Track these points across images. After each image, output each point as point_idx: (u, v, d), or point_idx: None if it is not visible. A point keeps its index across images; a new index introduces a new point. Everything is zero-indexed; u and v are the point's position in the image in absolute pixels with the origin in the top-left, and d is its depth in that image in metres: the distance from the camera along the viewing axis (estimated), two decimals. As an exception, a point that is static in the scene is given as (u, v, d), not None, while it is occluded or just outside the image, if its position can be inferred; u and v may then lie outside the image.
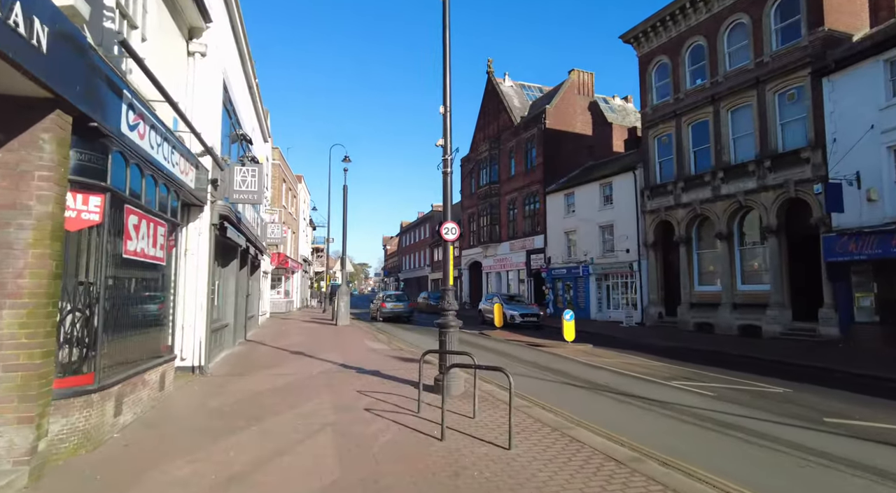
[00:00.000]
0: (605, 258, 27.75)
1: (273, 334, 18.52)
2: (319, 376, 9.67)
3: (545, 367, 11.76)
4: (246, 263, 16.05)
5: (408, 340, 17.75)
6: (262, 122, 20.06)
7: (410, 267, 68.88)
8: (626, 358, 13.36)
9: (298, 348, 14.10)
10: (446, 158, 8.44)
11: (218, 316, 12.46)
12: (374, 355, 12.67)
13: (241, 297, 15.67)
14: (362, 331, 19.79)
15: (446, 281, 8.24)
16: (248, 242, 14.75)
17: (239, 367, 10.85)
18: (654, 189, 24.73)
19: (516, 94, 40.39)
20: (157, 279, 7.33)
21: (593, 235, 28.46)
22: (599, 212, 28.14)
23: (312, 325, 22.89)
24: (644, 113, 25.82)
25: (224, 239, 11.21)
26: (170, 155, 7.29)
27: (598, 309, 28.19)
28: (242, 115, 14.46)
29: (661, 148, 24.93)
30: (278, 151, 29.53)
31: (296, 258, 37.18)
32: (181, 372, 9.39)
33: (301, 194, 40.22)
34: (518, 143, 36.12)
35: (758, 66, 19.79)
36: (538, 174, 33.56)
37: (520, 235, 35.61)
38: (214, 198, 10.20)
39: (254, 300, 19.56)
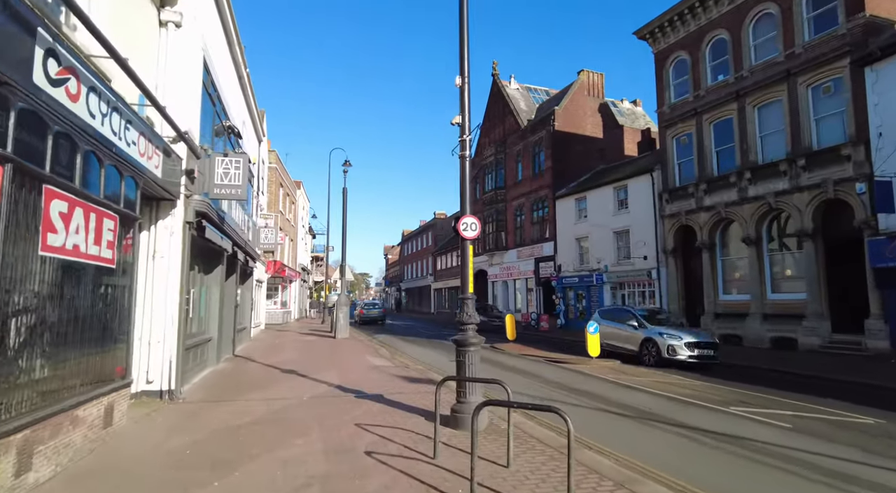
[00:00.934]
0: (620, 266, 26.22)
1: (265, 348, 16.97)
2: (311, 403, 8.12)
3: (574, 389, 10.20)
4: (234, 270, 14.56)
5: (413, 354, 16.20)
6: (256, 119, 18.69)
7: (412, 276, 67.30)
8: (661, 376, 11.80)
9: (291, 365, 12.55)
10: (464, 138, 6.98)
11: (198, 329, 10.95)
12: (375, 374, 11.12)
13: (229, 308, 14.15)
14: (363, 345, 18.24)
15: (465, 288, 6.73)
16: (235, 246, 13.27)
17: (219, 389, 9.30)
18: (674, 192, 23.27)
19: (522, 96, 39.12)
20: (108, 286, 5.83)
21: (607, 242, 26.95)
22: (614, 217, 26.66)
23: (309, 338, 21.34)
24: (661, 112, 24.43)
25: (204, 241, 9.73)
26: (123, 130, 5.84)
27: (612, 320, 26.56)
28: (230, 105, 13.06)
29: (680, 149, 23.51)
30: (275, 154, 28.17)
31: (294, 267, 35.69)
32: (146, 398, 7.87)
33: (300, 201, 38.82)
34: (525, 146, 34.75)
35: (788, 58, 18.41)
36: (547, 179, 32.14)
37: (528, 242, 34.12)
38: (190, 192, 8.73)
39: (245, 311, 18.04)
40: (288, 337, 21.45)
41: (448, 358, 15.07)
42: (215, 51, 10.89)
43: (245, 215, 15.53)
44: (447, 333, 26.43)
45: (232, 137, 13.40)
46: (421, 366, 12.74)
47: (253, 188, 18.71)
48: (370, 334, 24.88)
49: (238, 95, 14.53)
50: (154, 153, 6.99)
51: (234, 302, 14.57)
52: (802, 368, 12.87)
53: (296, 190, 37.09)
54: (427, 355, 16.27)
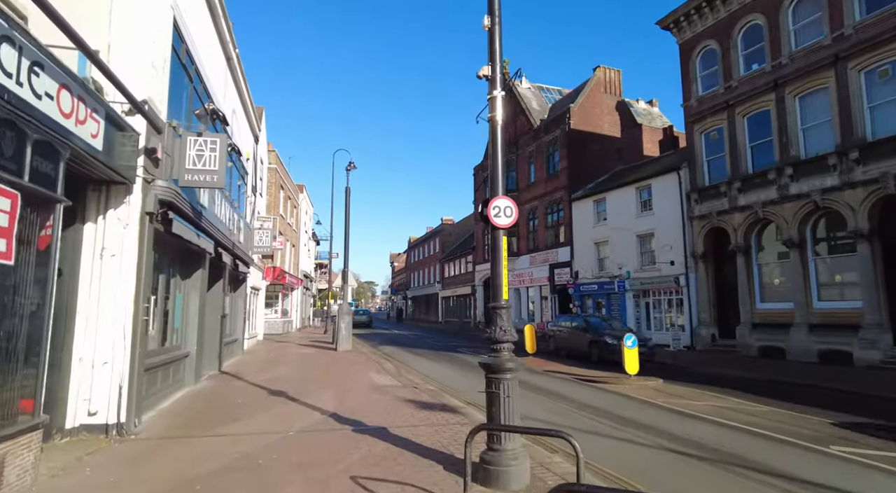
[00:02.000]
0: (644, 272, 24.38)
1: (258, 362, 15.29)
2: (298, 441, 6.41)
3: (622, 417, 8.42)
4: (221, 275, 12.93)
5: (422, 370, 14.45)
6: (251, 112, 17.15)
7: (419, 284, 65.55)
8: (715, 399, 9.99)
9: (282, 384, 10.86)
10: (493, 95, 5.30)
11: (172, 344, 9.29)
12: (379, 397, 9.39)
13: (213, 318, 12.50)
14: (366, 358, 16.52)
15: (498, 294, 5.03)
16: (221, 248, 11.64)
17: (188, 419, 7.60)
18: (703, 192, 21.49)
19: (534, 96, 37.54)
20: (3, 292, 4.19)
21: (629, 246, 25.14)
22: (636, 219, 24.87)
23: (309, 350, 19.64)
24: (688, 106, 22.71)
25: (174, 238, 8.09)
26: (25, 74, 4.21)
27: (636, 330, 24.68)
28: (215, 87, 11.49)
29: (709, 145, 21.75)
30: (275, 154, 26.67)
31: (295, 274, 34.08)
32: (87, 435, 6.19)
33: (303, 205, 37.30)
34: (538, 147, 33.10)
35: (836, 41, 16.67)
36: (562, 180, 30.43)
37: (541, 247, 32.36)
38: (153, 176, 7.10)
39: (236, 321, 16.40)
40: (285, 349, 19.77)
41: (462, 375, 13.32)
42: (192, 17, 9.31)
43: (235, 215, 13.92)
44: (457, 344, 24.66)
45: (217, 124, 11.81)
46: (432, 386, 11.00)
47: (246, 187, 17.14)
48: (375, 346, 23.17)
49: (226, 78, 12.97)
50: (90, 118, 5.36)
51: (221, 311, 12.93)
52: (880, 388, 10.98)
53: (298, 193, 35.58)
54: (437, 371, 14.52)
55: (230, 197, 13.23)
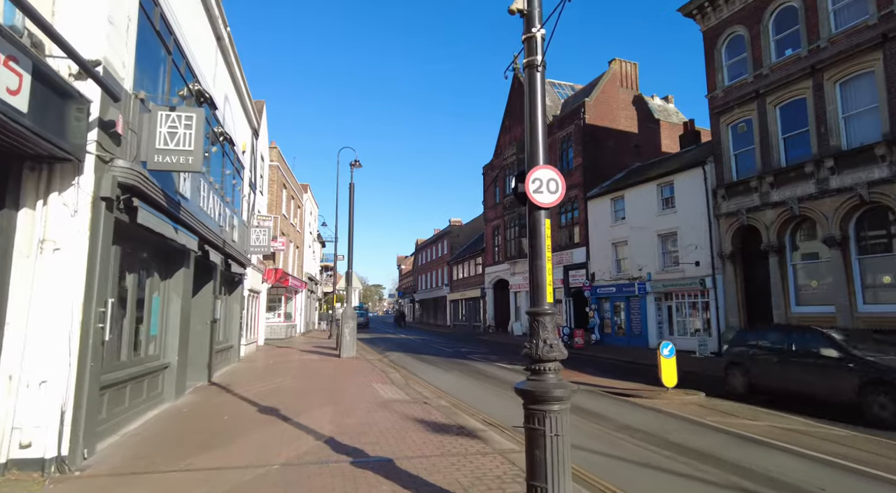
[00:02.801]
0: (666, 273, 22.97)
1: (254, 371, 14.08)
2: (282, 478, 5.15)
3: (669, 441, 7.10)
4: (211, 277, 11.73)
5: (432, 381, 13.17)
6: (247, 101, 15.99)
7: (427, 287, 64.26)
8: (774, 418, 8.62)
9: (276, 398, 9.62)
10: (532, 34, 4.04)
11: (143, 354, 8.07)
12: (385, 416, 8.12)
13: (200, 323, 11.31)
14: (370, 366, 15.26)
15: (539, 296, 3.75)
16: (208, 246, 10.44)
17: (153, 447, 6.36)
18: (731, 188, 20.08)
19: (546, 92, 36.20)
20: None
21: (650, 246, 23.74)
22: (658, 217, 23.47)
23: (311, 356, 18.42)
24: (712, 97, 21.32)
25: (145, 231, 6.88)
26: None
27: (657, 335, 23.29)
28: (200, 65, 10.30)
29: (736, 138, 20.35)
30: (277, 150, 25.54)
31: (299, 276, 32.93)
32: (17, 473, 4.97)
33: (307, 205, 36.18)
34: (551, 143, 31.75)
35: (883, 20, 15.26)
36: (576, 177, 29.08)
37: (555, 248, 30.98)
38: (111, 155, 5.90)
39: (230, 326, 15.21)
40: (286, 356, 18.55)
41: (476, 386, 12.01)
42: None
43: (227, 210, 12.74)
44: (467, 350, 23.36)
45: (206, 108, 10.62)
46: (445, 401, 9.71)
47: (243, 182, 15.98)
48: (381, 352, 21.91)
49: (216, 59, 11.80)
50: (10, 75, 4.14)
51: (212, 316, 11.72)
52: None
53: (302, 193, 34.47)
54: (449, 381, 13.23)
55: (220, 190, 12.05)
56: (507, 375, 14.29)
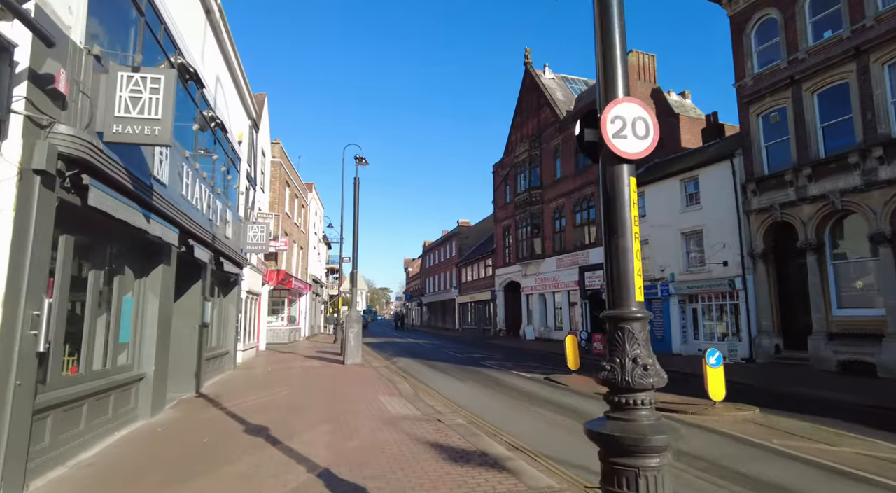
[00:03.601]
0: (691, 274, 21.59)
1: (248, 381, 12.90)
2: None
3: (740, 473, 5.80)
4: (200, 275, 10.56)
5: (445, 392, 11.92)
6: (243, 87, 14.87)
7: (434, 290, 63.00)
8: (855, 442, 7.26)
9: (268, 414, 8.42)
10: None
11: (110, 365, 6.89)
12: (392, 438, 6.88)
13: (188, 327, 10.14)
14: (377, 374, 14.03)
15: (625, 294, 2.49)
16: (191, 239, 9.27)
17: (102, 482, 5.15)
18: (762, 182, 18.71)
19: (559, 86, 34.99)
20: None
21: (673, 246, 22.37)
22: (681, 215, 22.11)
23: (313, 363, 17.23)
24: (741, 86, 19.97)
25: (99, 215, 5.69)
26: None
27: (682, 340, 21.91)
28: (187, 41, 9.16)
29: (768, 128, 18.99)
30: (279, 146, 24.46)
31: (304, 278, 31.81)
32: None
33: (312, 205, 35.09)
34: (565, 139, 30.49)
35: (939, -7, 13.89)
36: (593, 174, 27.75)
37: (569, 248, 29.67)
38: (50, 119, 4.71)
39: (226, 331, 14.05)
40: (287, 362, 17.37)
41: (497, 399, 10.74)
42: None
43: (218, 203, 11.58)
44: (480, 356, 22.07)
45: (191, 86, 9.48)
46: (462, 418, 8.45)
47: (239, 174, 14.86)
48: (388, 358, 20.69)
49: (205, 34, 10.64)
50: None
51: (200, 320, 10.54)
52: None
53: (307, 192, 33.37)
54: (464, 393, 11.96)
55: (211, 180, 10.90)
56: (527, 385, 13.01)
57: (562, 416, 8.85)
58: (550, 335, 31.01)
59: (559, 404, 10.13)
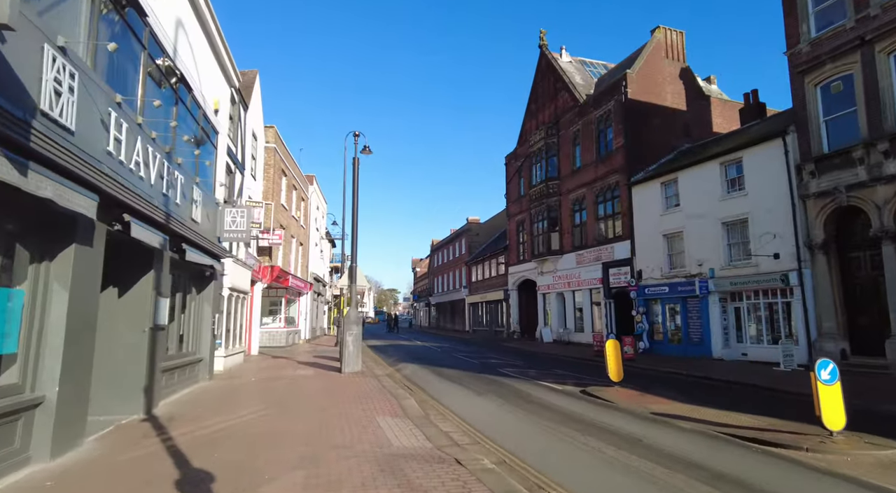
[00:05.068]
0: (734, 269, 19.12)
1: (223, 395, 10.65)
2: None
3: None
4: (151, 266, 8.32)
5: (459, 409, 9.59)
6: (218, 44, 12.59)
7: (443, 290, 60.63)
8: None
9: (225, 450, 6.16)
10: None
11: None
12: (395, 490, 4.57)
13: (136, 332, 7.91)
14: (378, 387, 11.73)
15: None
16: (124, 211, 7.02)
17: None
18: (823, 161, 16.25)
19: (577, 70, 32.57)
20: None
21: (712, 237, 19.91)
22: (722, 203, 19.64)
23: (307, 371, 14.98)
24: (794, 54, 17.49)
25: None
26: None
27: (723, 343, 19.43)
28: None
29: (829, 99, 16.52)
30: (274, 130, 22.26)
31: (304, 277, 29.62)
32: None
33: (313, 199, 32.90)
34: (585, 125, 28.07)
35: None
36: (617, 161, 25.33)
37: (591, 242, 27.23)
38: None
39: (199, 334, 11.84)
40: (277, 371, 15.12)
41: (531, 423, 8.35)
42: None
43: (179, 177, 9.32)
44: (496, 361, 19.71)
45: (132, 18, 7.24)
46: (489, 456, 6.12)
47: (216, 151, 12.66)
48: (393, 364, 18.41)
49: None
50: None
51: (151, 321, 8.29)
52: None
53: (307, 185, 31.18)
54: (486, 412, 9.63)
55: (169, 148, 8.66)
56: (561, 401, 10.64)
57: (626, 451, 6.49)
58: (570, 338, 28.56)
59: (614, 430, 7.76)
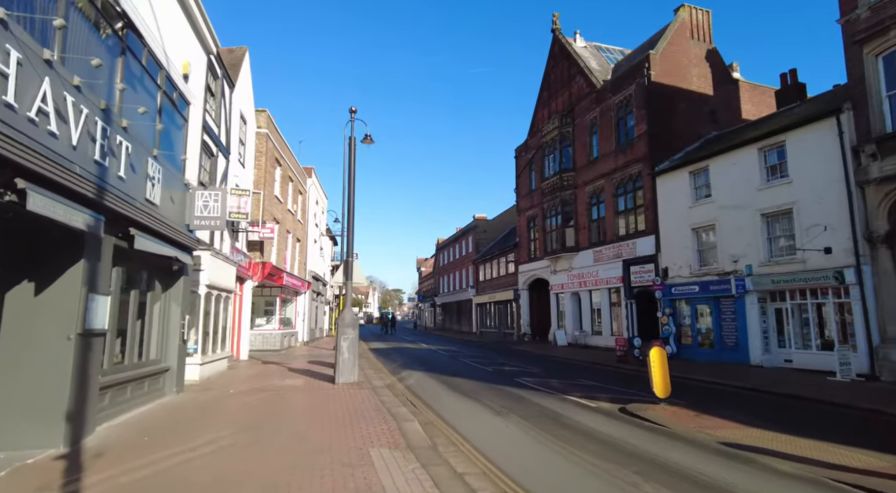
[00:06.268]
0: (776, 265, 17.10)
1: (184, 414, 8.76)
2: None
3: None
4: (85, 255, 6.46)
5: (475, 436, 7.66)
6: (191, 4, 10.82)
7: (449, 290, 58.67)
8: None
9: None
10: None
11: None
12: None
13: (58, 339, 6.06)
14: (375, 403, 9.82)
15: None
16: (17, 174, 5.14)
17: None
18: (886, 142, 14.25)
19: (592, 55, 30.59)
20: None
21: (749, 230, 17.90)
22: (762, 192, 17.62)
23: (295, 381, 13.10)
24: (850, 20, 15.46)
25: None
26: None
27: (763, 348, 17.40)
28: None
29: (892, 72, 14.49)
30: (266, 115, 20.42)
31: (301, 275, 27.78)
32: None
33: (312, 193, 31.06)
34: (603, 111, 26.09)
35: None
36: (640, 149, 23.34)
37: (610, 238, 25.23)
38: None
39: (165, 340, 9.97)
40: (261, 380, 13.25)
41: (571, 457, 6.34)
42: None
43: (126, 145, 7.45)
44: (512, 368, 17.76)
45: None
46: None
47: (185, 124, 10.81)
48: (395, 371, 16.52)
49: None
50: None
51: (80, 326, 6.42)
52: None
53: (305, 177, 29.33)
54: (511, 441, 7.69)
55: (102, 100, 6.79)
56: (600, 424, 8.69)
57: None
58: (587, 341, 26.56)
59: (687, 474, 5.81)
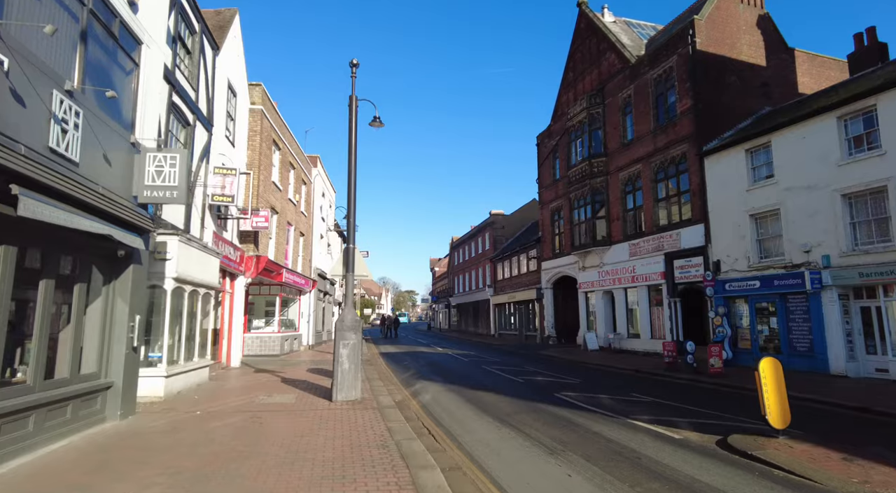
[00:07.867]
0: (862, 255, 14.27)
1: (117, 452, 6.33)
2: None
3: None
4: None
5: None
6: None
7: (464, 290, 56.04)
8: None
9: None
10: None
11: None
12: None
13: None
14: (379, 434, 7.31)
15: None
16: None
17: None
18: None
19: (623, 31, 27.86)
20: None
21: (826, 214, 15.08)
22: (841, 168, 14.80)
23: (284, 398, 10.65)
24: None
25: None
26: None
27: (847, 355, 14.57)
28: None
29: None
30: (262, 89, 18.05)
31: (305, 273, 25.42)
32: None
33: (318, 184, 28.70)
34: (639, 88, 23.36)
35: None
36: (684, 128, 20.57)
37: (649, 230, 22.47)
38: None
39: (105, 348, 7.58)
40: (242, 396, 10.82)
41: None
42: None
43: (39, 79, 5.03)
44: (545, 379, 15.14)
45: None
46: None
47: (137, 69, 8.43)
48: (407, 383, 14.03)
49: None
50: None
51: None
52: None
53: (310, 166, 26.99)
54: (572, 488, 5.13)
55: None
56: (705, 472, 6.11)
57: None
58: (622, 345, 23.80)
59: None
